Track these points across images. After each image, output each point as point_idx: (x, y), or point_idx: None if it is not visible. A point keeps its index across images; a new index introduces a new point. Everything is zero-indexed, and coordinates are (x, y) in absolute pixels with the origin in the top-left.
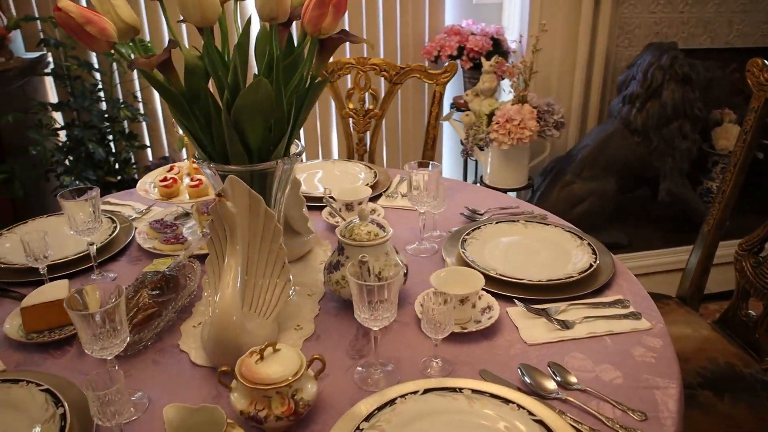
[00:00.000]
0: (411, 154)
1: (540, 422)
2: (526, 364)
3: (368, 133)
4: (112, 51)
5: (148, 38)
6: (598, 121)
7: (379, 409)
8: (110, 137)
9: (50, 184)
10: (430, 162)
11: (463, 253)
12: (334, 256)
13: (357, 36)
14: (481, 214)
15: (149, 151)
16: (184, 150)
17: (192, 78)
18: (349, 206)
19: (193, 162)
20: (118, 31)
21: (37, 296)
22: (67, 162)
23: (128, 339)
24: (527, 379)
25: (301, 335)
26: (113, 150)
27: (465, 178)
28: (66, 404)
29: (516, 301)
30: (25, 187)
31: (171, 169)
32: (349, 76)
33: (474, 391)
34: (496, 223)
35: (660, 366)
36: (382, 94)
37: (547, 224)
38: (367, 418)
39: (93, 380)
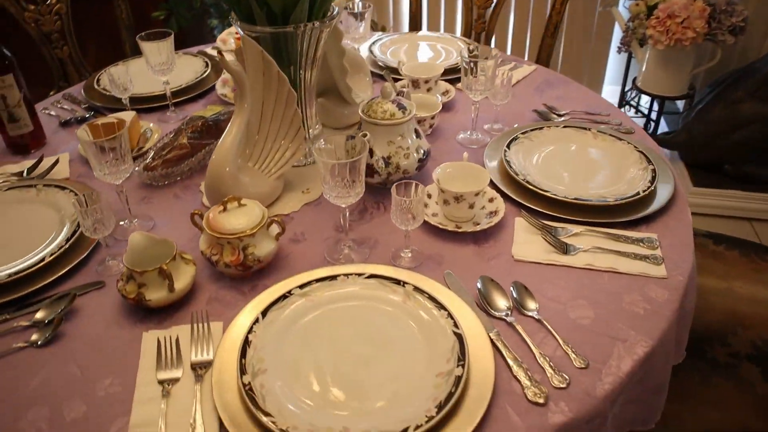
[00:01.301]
0: (530, 40)
1: (459, 336)
2: (488, 276)
3: (489, 10)
4: None
5: None
6: None
7: (320, 280)
8: None
9: (204, 25)
10: (491, 48)
11: (505, 151)
12: (356, 129)
13: None
14: (561, 115)
15: None
16: None
17: None
18: (415, 83)
19: None
20: None
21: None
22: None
23: (131, 169)
24: (481, 291)
25: (304, 199)
26: None
27: (625, 78)
28: None
29: (522, 210)
30: (181, 26)
31: None
32: None
33: (416, 288)
34: (564, 127)
35: (645, 321)
36: None
37: (620, 140)
38: (302, 286)
39: (83, 197)
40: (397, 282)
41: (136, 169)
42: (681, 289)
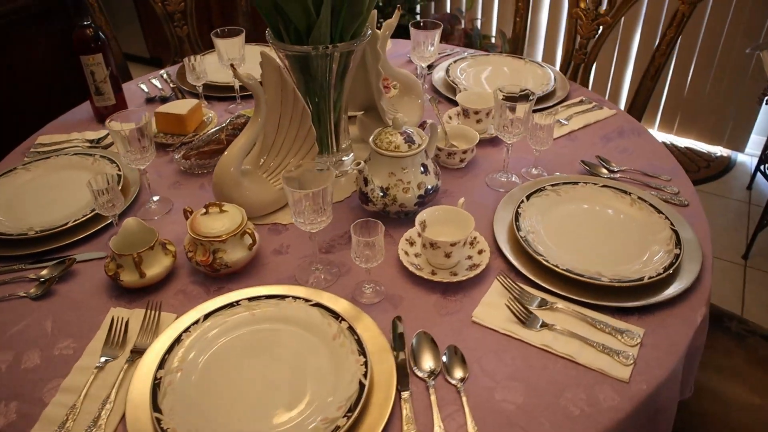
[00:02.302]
0: (624, 79)
1: (362, 387)
2: (425, 332)
3: (592, 41)
4: None
5: None
6: None
7: (270, 297)
8: None
9: None
10: (529, 90)
11: (521, 202)
12: (368, 156)
13: None
14: (614, 171)
15: (432, 4)
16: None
17: None
18: (465, 112)
19: None
20: None
21: (169, 106)
22: None
23: (152, 158)
24: (413, 347)
25: None
26: None
27: None
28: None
29: (501, 273)
30: None
31: None
32: None
33: (350, 327)
34: (602, 186)
35: (574, 423)
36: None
37: (659, 212)
38: (252, 299)
39: (95, 179)
40: (336, 317)
41: (176, 157)
42: (636, 399)
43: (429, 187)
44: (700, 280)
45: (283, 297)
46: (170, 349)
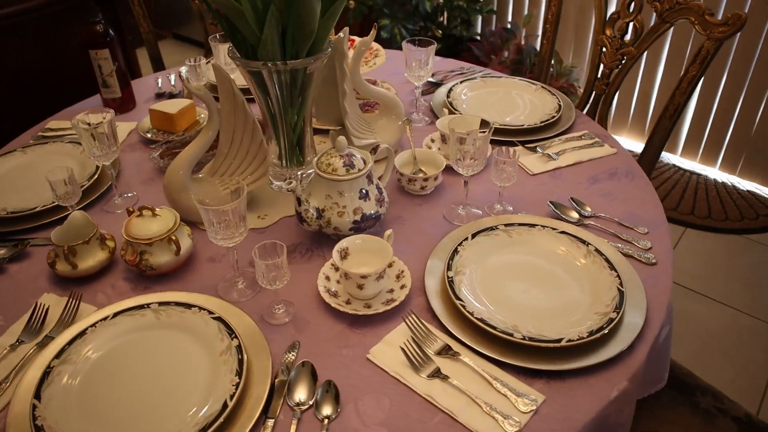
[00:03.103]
0: (641, 117)
1: (224, 407)
2: (305, 362)
3: (615, 71)
4: None
5: None
6: None
7: (179, 305)
8: None
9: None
10: (491, 122)
11: (464, 240)
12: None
13: None
14: (585, 216)
15: (494, 17)
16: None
17: None
18: (444, 138)
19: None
20: None
21: (163, 104)
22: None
23: (116, 154)
24: (292, 377)
25: (255, 223)
26: (452, 6)
27: None
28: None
29: (411, 312)
30: (356, 18)
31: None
32: None
33: (238, 346)
34: (560, 232)
35: None
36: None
37: (612, 269)
38: (162, 303)
39: (54, 172)
40: (230, 333)
41: (154, 155)
42: None
43: (367, 213)
44: (632, 351)
45: (189, 306)
46: (72, 341)
